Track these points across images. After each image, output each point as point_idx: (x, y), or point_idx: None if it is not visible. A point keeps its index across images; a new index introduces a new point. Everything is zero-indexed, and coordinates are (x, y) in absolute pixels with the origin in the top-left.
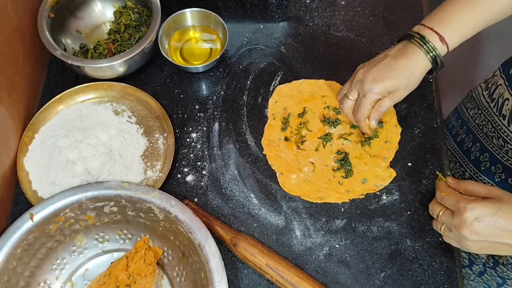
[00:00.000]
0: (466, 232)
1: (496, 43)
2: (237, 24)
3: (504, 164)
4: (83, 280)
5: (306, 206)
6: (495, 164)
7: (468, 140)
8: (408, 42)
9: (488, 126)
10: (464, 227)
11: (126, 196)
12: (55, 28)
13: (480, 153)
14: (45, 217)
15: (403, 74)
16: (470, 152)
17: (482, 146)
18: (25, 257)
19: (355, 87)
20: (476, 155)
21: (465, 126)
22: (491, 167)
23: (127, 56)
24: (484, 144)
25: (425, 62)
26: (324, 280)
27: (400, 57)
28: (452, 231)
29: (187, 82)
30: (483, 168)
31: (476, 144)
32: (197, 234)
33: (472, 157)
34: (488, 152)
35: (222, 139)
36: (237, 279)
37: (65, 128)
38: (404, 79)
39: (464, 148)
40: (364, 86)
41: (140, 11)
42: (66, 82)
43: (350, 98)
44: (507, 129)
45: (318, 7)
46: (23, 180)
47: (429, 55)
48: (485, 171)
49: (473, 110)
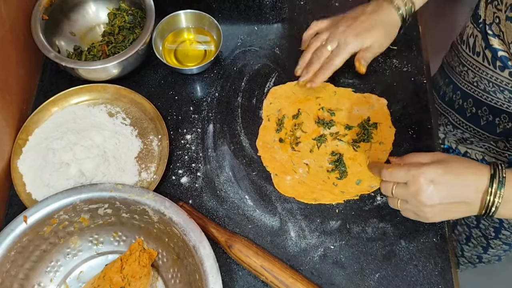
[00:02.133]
0: (423, 197)
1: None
2: (232, 26)
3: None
4: (78, 283)
5: (301, 208)
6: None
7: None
8: (380, 2)
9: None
10: (421, 193)
11: (120, 198)
12: (49, 30)
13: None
14: (39, 220)
15: (380, 29)
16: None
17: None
18: (19, 260)
19: (336, 38)
20: (473, 110)
21: (443, 72)
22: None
23: (121, 58)
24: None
25: (397, 20)
26: (319, 281)
27: (375, 14)
28: (409, 202)
29: (181, 83)
30: (483, 123)
31: (468, 100)
32: (191, 236)
33: (440, 93)
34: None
35: (216, 141)
36: (232, 281)
37: (59, 130)
38: (382, 33)
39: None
40: (347, 39)
41: (134, 13)
42: (60, 84)
43: (328, 49)
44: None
45: (312, 8)
46: (17, 182)
47: (399, 12)
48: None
49: (448, 56)
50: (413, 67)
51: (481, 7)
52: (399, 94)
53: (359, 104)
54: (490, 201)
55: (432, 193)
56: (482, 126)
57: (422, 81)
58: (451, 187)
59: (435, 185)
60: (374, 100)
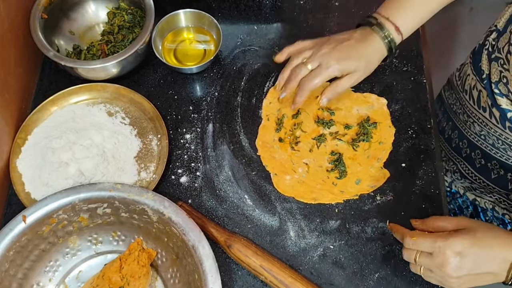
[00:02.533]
0: (450, 270)
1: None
2: (231, 25)
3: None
4: (77, 282)
5: (300, 207)
6: (475, 150)
7: (444, 120)
8: (369, 29)
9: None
10: (447, 265)
11: (119, 198)
12: (48, 29)
13: (459, 140)
14: (38, 219)
15: (364, 57)
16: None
17: (461, 133)
18: (18, 259)
19: (318, 59)
20: (482, 162)
21: (443, 107)
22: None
23: (121, 57)
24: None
25: (382, 49)
26: (318, 281)
27: (362, 41)
28: (434, 272)
29: (181, 83)
30: (494, 176)
31: (449, 123)
32: (190, 236)
33: (445, 136)
34: (457, 130)
35: (216, 140)
36: (231, 281)
37: (58, 130)
38: (364, 62)
39: (440, 128)
40: (329, 61)
41: (134, 12)
42: (59, 83)
43: (308, 67)
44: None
45: (312, 8)
46: (16, 181)
47: (385, 42)
48: (497, 179)
49: (448, 91)
50: (412, 67)
51: (484, 61)
52: (399, 93)
53: (359, 103)
54: None
55: (459, 266)
56: (492, 179)
57: (422, 80)
58: (478, 259)
59: (461, 257)
60: (374, 99)
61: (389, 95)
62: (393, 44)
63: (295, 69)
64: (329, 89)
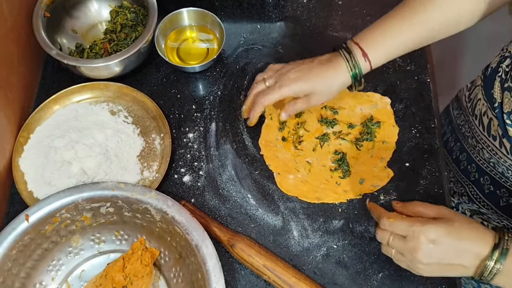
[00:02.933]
0: (420, 256)
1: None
2: (234, 24)
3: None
4: (79, 281)
5: (304, 207)
6: (483, 176)
7: (452, 139)
8: (336, 53)
9: (466, 126)
10: (419, 251)
11: (122, 197)
12: (50, 28)
13: (468, 163)
14: (41, 218)
15: (322, 81)
16: (452, 151)
17: (469, 156)
18: (21, 258)
19: (275, 77)
20: (491, 188)
21: (450, 126)
22: (479, 178)
23: (123, 56)
24: (463, 144)
25: (345, 77)
26: (322, 281)
27: (325, 65)
28: (404, 255)
29: (183, 82)
30: (503, 204)
31: (457, 144)
32: (194, 235)
33: (453, 157)
34: (466, 153)
35: (219, 140)
36: (234, 280)
37: (61, 128)
38: (322, 87)
39: (448, 147)
40: (282, 80)
41: (137, 11)
42: (62, 82)
43: (266, 84)
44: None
45: (315, 7)
46: (19, 180)
47: (351, 71)
48: (506, 206)
49: (456, 110)
50: (416, 66)
51: (496, 89)
52: (403, 93)
53: (362, 102)
54: (488, 269)
55: (430, 253)
56: (501, 207)
57: (425, 80)
58: (450, 250)
59: (434, 245)
60: (377, 99)
61: (393, 94)
62: (359, 71)
63: (254, 84)
64: (288, 105)
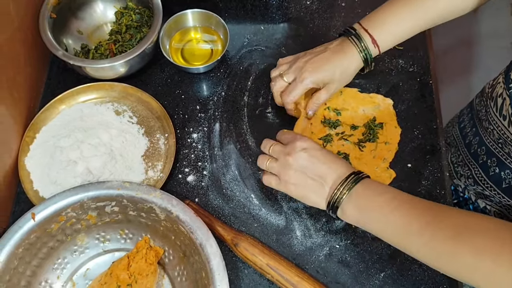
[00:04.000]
0: (292, 159)
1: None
2: (238, 25)
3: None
4: (84, 280)
5: (307, 207)
6: (491, 158)
7: (469, 125)
8: (346, 39)
9: (483, 110)
10: (292, 153)
11: (127, 196)
12: (56, 28)
13: (478, 146)
14: (47, 217)
15: (338, 68)
16: (467, 136)
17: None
18: (27, 257)
19: (293, 71)
20: (496, 171)
21: (470, 114)
22: (487, 160)
23: (128, 57)
24: (478, 128)
25: (358, 60)
26: (325, 280)
27: (338, 52)
28: (279, 160)
29: (188, 82)
30: (505, 185)
31: (472, 129)
32: (198, 234)
33: (466, 141)
34: (479, 136)
35: (223, 140)
36: (237, 279)
37: (66, 128)
38: (339, 73)
39: (463, 133)
40: (302, 74)
41: (142, 12)
42: (68, 82)
43: (285, 80)
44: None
45: (319, 8)
46: (25, 179)
47: (361, 54)
48: (508, 188)
49: (478, 98)
50: (419, 67)
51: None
52: (405, 94)
53: (365, 104)
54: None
55: (301, 157)
56: (503, 188)
57: (428, 81)
58: (318, 161)
59: (306, 152)
60: (380, 100)
61: (395, 96)
62: (369, 56)
63: (272, 82)
64: (311, 101)
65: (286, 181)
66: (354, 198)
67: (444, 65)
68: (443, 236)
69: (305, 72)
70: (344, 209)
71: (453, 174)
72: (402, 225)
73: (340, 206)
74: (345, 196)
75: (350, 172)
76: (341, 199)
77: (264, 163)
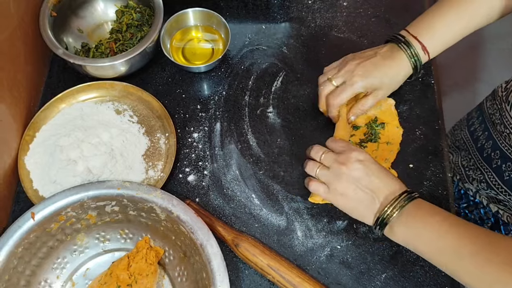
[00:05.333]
0: (345, 169)
1: (496, 46)
2: (239, 25)
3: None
4: (84, 280)
5: (308, 207)
6: (506, 162)
7: (480, 129)
8: (396, 46)
9: (496, 114)
10: (347, 163)
11: (128, 196)
12: (57, 27)
13: (492, 150)
14: (46, 216)
15: (388, 74)
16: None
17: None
18: (26, 256)
19: (343, 75)
20: (482, 142)
21: (481, 117)
22: (502, 165)
23: (129, 56)
24: (491, 132)
25: (408, 67)
26: (326, 281)
27: (388, 58)
28: (331, 168)
29: (189, 82)
30: (485, 155)
31: (485, 133)
32: (199, 234)
33: (478, 145)
34: (492, 140)
35: (223, 139)
36: (238, 280)
37: (66, 127)
38: (388, 79)
39: (474, 136)
40: (353, 77)
41: (142, 11)
42: (68, 81)
43: (333, 84)
44: (508, 114)
45: (320, 8)
46: (24, 178)
47: (412, 60)
48: (496, 168)
49: (490, 101)
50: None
51: None
52: (407, 94)
53: None
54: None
55: (356, 168)
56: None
57: (430, 81)
58: (372, 175)
59: (361, 164)
60: (382, 100)
61: (397, 96)
62: (419, 63)
63: (321, 86)
64: (356, 106)
65: (336, 190)
66: (404, 217)
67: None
68: (498, 261)
69: (356, 76)
70: (393, 227)
71: (464, 177)
72: (453, 248)
73: (389, 223)
74: (396, 214)
75: (403, 190)
76: (391, 216)
77: (314, 170)
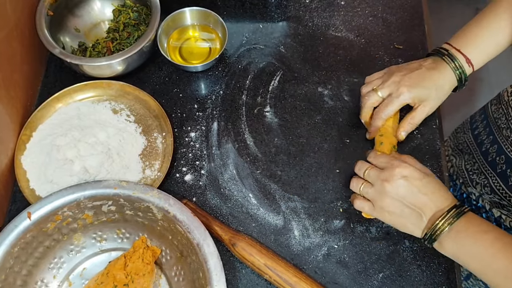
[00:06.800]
0: (389, 186)
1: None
2: (237, 24)
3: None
4: (81, 279)
5: (305, 206)
6: (500, 155)
7: (484, 133)
8: (439, 59)
9: (502, 118)
10: (391, 180)
11: (124, 195)
12: (53, 26)
13: (497, 155)
14: (43, 216)
15: (434, 86)
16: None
17: (500, 148)
18: (23, 256)
19: (389, 86)
20: (487, 147)
21: (486, 121)
22: (506, 170)
23: (126, 55)
24: (496, 136)
25: (453, 79)
26: (323, 280)
27: (433, 70)
28: (375, 185)
29: (186, 81)
30: (489, 159)
31: (489, 137)
32: (195, 234)
33: (482, 149)
34: (497, 144)
35: (221, 139)
36: (235, 279)
37: (63, 127)
38: (434, 90)
39: (478, 140)
40: (399, 88)
41: (139, 10)
42: (65, 80)
43: (379, 95)
44: None
45: (318, 7)
46: (21, 178)
47: (456, 72)
48: (501, 173)
49: (495, 105)
50: None
51: None
52: None
53: None
54: (440, 224)
55: (400, 186)
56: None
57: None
58: (417, 192)
59: (405, 181)
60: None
61: None
62: (464, 75)
63: (365, 97)
64: (406, 121)
65: (382, 208)
66: (454, 233)
67: None
68: None
69: (403, 87)
70: (443, 242)
71: (468, 181)
72: (507, 268)
73: (437, 239)
74: (445, 231)
75: (452, 206)
76: (441, 233)
77: (359, 187)
